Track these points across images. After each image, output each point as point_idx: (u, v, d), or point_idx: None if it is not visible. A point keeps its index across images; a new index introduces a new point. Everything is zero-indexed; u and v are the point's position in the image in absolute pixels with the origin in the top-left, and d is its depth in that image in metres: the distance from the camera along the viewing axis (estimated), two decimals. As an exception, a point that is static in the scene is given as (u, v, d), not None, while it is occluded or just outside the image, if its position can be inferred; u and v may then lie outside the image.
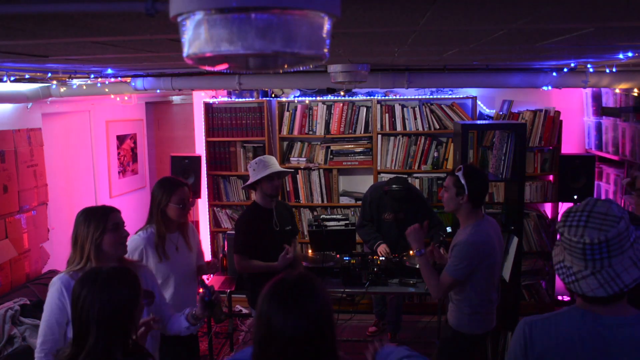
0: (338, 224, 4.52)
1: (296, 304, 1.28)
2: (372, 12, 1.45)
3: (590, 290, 1.46)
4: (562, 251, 1.54)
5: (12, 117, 4.32)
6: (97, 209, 2.28)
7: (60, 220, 4.97)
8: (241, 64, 0.85)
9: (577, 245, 1.45)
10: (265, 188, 3.42)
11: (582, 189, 4.58)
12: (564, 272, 1.52)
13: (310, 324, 1.26)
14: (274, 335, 1.26)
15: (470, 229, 2.76)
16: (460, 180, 2.74)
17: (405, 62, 3.40)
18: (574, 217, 1.49)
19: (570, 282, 1.50)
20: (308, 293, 1.31)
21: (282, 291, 1.31)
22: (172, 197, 2.84)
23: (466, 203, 2.75)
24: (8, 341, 3.55)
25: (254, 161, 3.47)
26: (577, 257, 1.47)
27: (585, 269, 1.46)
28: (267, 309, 1.28)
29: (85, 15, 1.33)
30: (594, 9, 1.44)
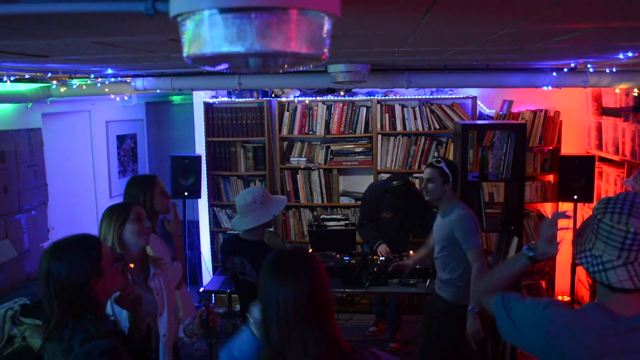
0: (338, 224, 4.52)
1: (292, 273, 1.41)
2: (372, 12, 1.45)
3: (618, 282, 1.42)
4: (591, 239, 1.49)
5: (12, 117, 4.32)
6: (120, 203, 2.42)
7: (60, 220, 4.97)
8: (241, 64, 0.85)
9: (618, 233, 1.41)
10: (273, 221, 3.03)
11: (582, 189, 4.58)
12: (590, 260, 1.48)
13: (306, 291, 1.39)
14: (273, 303, 1.39)
15: (459, 206, 3.22)
16: (445, 170, 3.18)
17: (405, 62, 3.40)
18: (616, 204, 1.45)
19: (596, 271, 1.46)
20: (303, 264, 1.44)
21: (279, 262, 1.45)
22: (155, 189, 2.82)
23: (450, 189, 3.21)
24: (8, 341, 3.55)
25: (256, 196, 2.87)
26: (613, 246, 1.43)
27: (618, 258, 1.42)
28: (267, 279, 1.43)
29: (85, 15, 1.33)
30: (594, 9, 1.44)
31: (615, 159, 4.49)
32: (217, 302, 5.42)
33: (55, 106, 4.85)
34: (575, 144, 5.16)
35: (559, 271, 5.11)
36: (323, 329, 1.39)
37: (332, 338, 1.40)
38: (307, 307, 1.39)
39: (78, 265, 1.65)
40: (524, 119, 4.89)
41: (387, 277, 3.88)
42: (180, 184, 5.12)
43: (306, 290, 1.40)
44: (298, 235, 5.39)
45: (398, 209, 4.33)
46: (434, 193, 3.21)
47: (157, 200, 2.83)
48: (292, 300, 1.38)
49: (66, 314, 1.61)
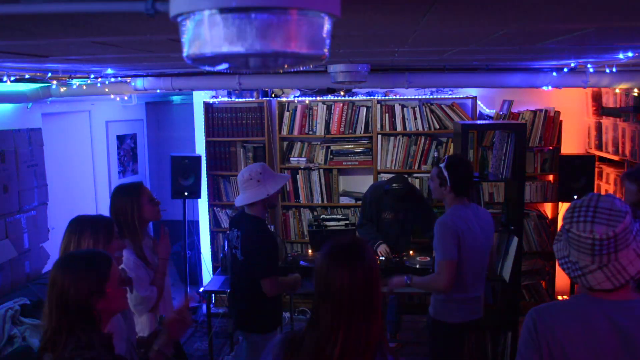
0: (338, 224, 4.52)
1: (350, 262, 1.50)
2: (372, 12, 1.45)
3: (597, 284, 1.49)
4: (566, 246, 1.55)
5: (12, 117, 4.32)
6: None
7: (60, 220, 4.96)
8: (241, 64, 0.85)
9: (586, 241, 1.47)
10: (274, 199, 3.05)
11: (582, 189, 4.58)
12: (570, 266, 1.54)
13: (362, 278, 1.48)
14: (330, 289, 1.48)
15: (448, 211, 2.94)
16: (443, 172, 2.91)
17: (405, 62, 3.40)
18: (580, 212, 1.51)
19: (576, 276, 1.52)
20: (361, 252, 1.53)
21: (338, 251, 1.53)
22: (142, 198, 2.74)
23: (449, 193, 2.92)
24: (8, 341, 3.55)
25: (256, 171, 2.96)
26: (585, 252, 1.48)
27: (592, 263, 1.48)
28: (326, 266, 1.50)
29: (85, 15, 1.33)
30: (594, 9, 1.44)
31: (615, 159, 4.49)
32: (217, 302, 5.42)
33: (55, 106, 4.85)
34: (575, 144, 5.17)
35: (559, 271, 5.11)
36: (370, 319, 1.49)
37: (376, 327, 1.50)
38: (361, 294, 1.48)
39: (83, 282, 1.64)
40: (524, 119, 4.89)
41: (387, 277, 3.87)
42: (180, 184, 5.12)
43: (362, 278, 1.48)
44: (298, 235, 5.39)
45: (399, 210, 4.33)
46: (434, 193, 3.06)
47: (146, 208, 2.75)
48: (348, 287, 1.46)
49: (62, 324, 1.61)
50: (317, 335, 1.48)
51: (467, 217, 2.89)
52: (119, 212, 2.70)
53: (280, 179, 3.07)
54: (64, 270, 1.66)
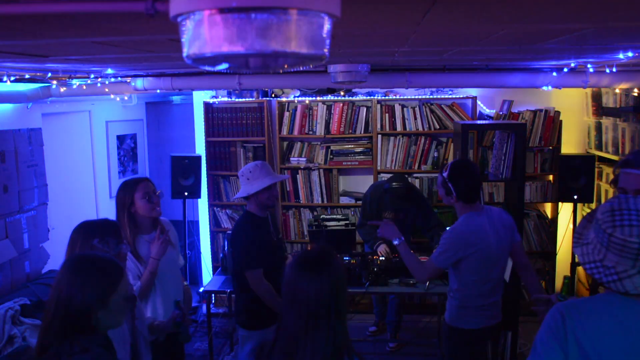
0: (338, 224, 4.52)
1: (318, 272, 1.57)
2: (372, 12, 1.45)
3: (634, 288, 1.45)
4: (600, 251, 1.50)
5: (12, 117, 4.32)
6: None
7: (60, 220, 4.97)
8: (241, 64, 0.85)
9: (631, 246, 1.43)
10: (263, 198, 3.09)
11: (582, 189, 4.58)
12: (603, 271, 1.48)
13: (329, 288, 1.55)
14: (298, 298, 1.55)
15: (460, 220, 2.81)
16: (447, 183, 2.79)
17: (405, 62, 3.40)
18: (623, 216, 1.46)
19: (610, 281, 1.47)
20: (329, 263, 1.60)
21: (307, 261, 1.61)
22: (136, 194, 2.76)
23: (456, 202, 2.81)
24: (8, 341, 3.55)
25: (247, 169, 3.10)
26: (627, 257, 1.44)
27: (633, 268, 1.44)
28: (295, 276, 1.58)
29: (85, 15, 1.33)
30: (594, 9, 1.44)
31: (615, 159, 4.49)
32: (217, 302, 5.42)
33: (55, 106, 4.85)
34: (575, 144, 5.17)
35: (559, 271, 5.11)
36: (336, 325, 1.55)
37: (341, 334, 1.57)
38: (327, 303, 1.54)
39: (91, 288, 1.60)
40: (524, 119, 4.89)
41: (387, 277, 3.88)
42: (180, 184, 5.12)
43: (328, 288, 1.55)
44: (298, 235, 5.39)
45: (399, 210, 4.33)
46: (443, 200, 2.92)
47: (138, 204, 2.76)
48: (314, 297, 1.54)
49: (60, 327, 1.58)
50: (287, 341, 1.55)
51: (480, 226, 2.77)
52: (117, 205, 2.80)
53: (266, 181, 3.05)
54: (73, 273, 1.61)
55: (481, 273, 2.79)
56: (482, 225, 2.78)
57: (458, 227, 2.78)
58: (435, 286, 3.83)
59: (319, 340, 1.53)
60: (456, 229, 2.78)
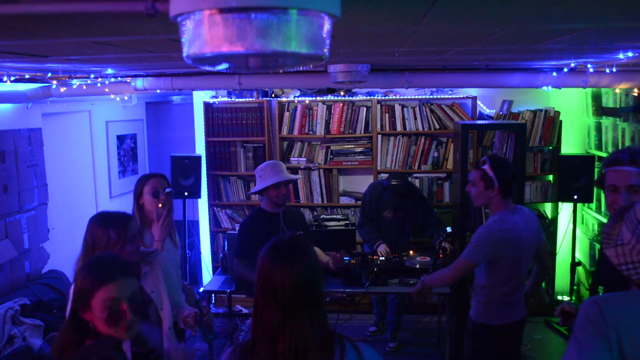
0: (338, 224, 4.53)
1: (292, 258, 1.52)
2: (372, 12, 1.45)
3: None
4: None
5: (12, 117, 4.32)
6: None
7: (60, 220, 4.97)
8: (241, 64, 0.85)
9: None
10: (272, 196, 3.30)
11: (582, 189, 4.58)
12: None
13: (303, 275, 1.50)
14: (273, 286, 1.49)
15: (495, 217, 2.77)
16: (488, 174, 2.71)
17: (405, 62, 3.40)
18: None
19: None
20: (301, 250, 1.55)
21: (280, 248, 1.55)
22: (145, 187, 2.83)
23: (496, 195, 2.74)
24: (8, 341, 3.55)
25: (261, 167, 3.35)
26: None
27: None
28: (268, 263, 1.52)
29: (85, 15, 1.33)
30: (594, 9, 1.44)
31: (615, 159, 4.49)
32: (217, 302, 5.42)
33: (55, 106, 4.85)
34: (575, 144, 5.17)
35: (559, 271, 5.11)
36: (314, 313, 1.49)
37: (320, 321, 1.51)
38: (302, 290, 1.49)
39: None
40: (524, 119, 4.89)
41: (387, 277, 3.88)
42: (180, 184, 5.12)
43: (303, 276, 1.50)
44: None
45: (399, 209, 4.33)
46: (477, 199, 2.82)
47: (145, 198, 2.84)
48: (289, 285, 1.48)
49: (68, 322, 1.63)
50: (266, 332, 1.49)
51: (515, 224, 2.76)
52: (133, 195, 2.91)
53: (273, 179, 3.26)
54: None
55: (510, 271, 2.79)
56: (517, 223, 2.77)
57: (494, 225, 2.75)
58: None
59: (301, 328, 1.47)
60: (492, 227, 2.75)
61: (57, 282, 4.37)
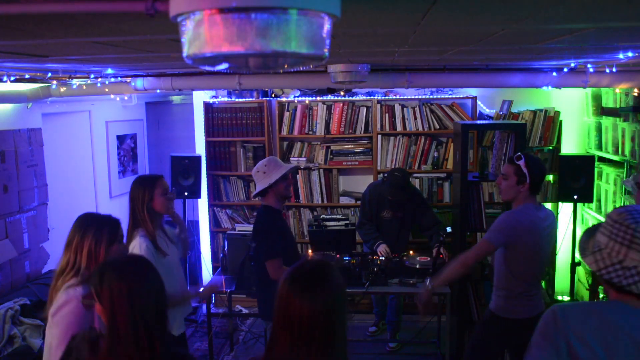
0: (338, 224, 4.52)
1: (313, 289, 1.39)
2: (372, 12, 1.45)
3: None
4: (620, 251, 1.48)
5: (12, 117, 4.32)
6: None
7: (60, 220, 4.97)
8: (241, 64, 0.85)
9: None
10: (281, 188, 3.21)
11: (582, 189, 4.58)
12: (622, 273, 1.46)
13: (324, 309, 1.37)
14: (290, 317, 1.37)
15: (520, 207, 2.88)
16: (522, 169, 2.84)
17: (405, 62, 3.40)
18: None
19: (631, 282, 1.45)
20: (324, 279, 1.42)
21: (301, 276, 1.42)
22: (156, 190, 2.85)
23: (526, 191, 2.86)
24: (8, 341, 3.55)
25: (261, 164, 3.24)
26: None
27: None
28: (287, 291, 1.40)
29: (85, 15, 1.33)
30: (594, 9, 1.44)
31: (615, 159, 4.49)
32: (217, 302, 5.42)
33: (55, 106, 4.85)
34: (575, 144, 5.17)
35: (559, 271, 5.11)
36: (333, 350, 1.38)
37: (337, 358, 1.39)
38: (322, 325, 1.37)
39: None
40: (524, 119, 4.89)
41: (387, 277, 3.88)
42: (180, 184, 5.12)
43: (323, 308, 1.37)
44: (298, 236, 5.39)
45: (398, 209, 4.33)
46: (505, 192, 2.94)
47: (157, 200, 2.85)
48: (307, 317, 1.36)
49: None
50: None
51: (537, 218, 2.87)
52: (133, 200, 2.85)
53: (282, 169, 3.21)
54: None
55: (529, 261, 2.88)
56: (538, 217, 2.88)
57: (517, 212, 2.88)
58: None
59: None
60: (515, 213, 2.88)
61: (57, 282, 4.36)
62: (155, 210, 2.86)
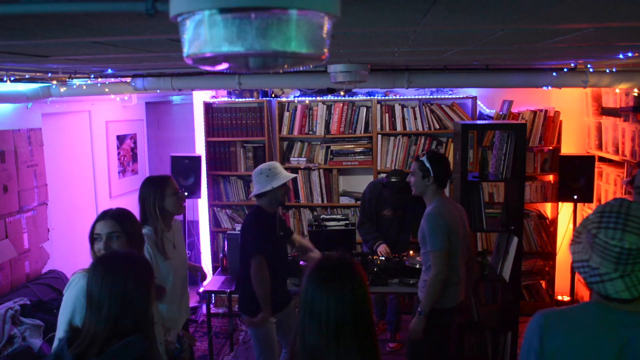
0: (338, 224, 4.52)
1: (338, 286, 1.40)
2: (372, 12, 1.45)
3: (616, 292, 1.44)
4: (587, 251, 1.49)
5: (12, 117, 4.32)
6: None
7: (60, 220, 4.97)
8: (241, 64, 0.85)
9: (613, 249, 1.42)
10: (280, 195, 3.28)
11: (582, 189, 4.58)
12: (588, 272, 1.48)
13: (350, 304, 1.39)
14: (317, 312, 1.39)
15: (434, 204, 3.13)
16: (425, 165, 3.11)
17: (405, 62, 3.40)
18: (610, 218, 1.45)
19: (594, 282, 1.47)
20: (349, 275, 1.43)
21: (325, 272, 1.44)
22: (166, 190, 2.90)
23: (432, 184, 3.11)
24: (8, 341, 3.55)
25: (264, 168, 3.28)
26: (609, 260, 1.43)
27: (615, 271, 1.43)
28: (312, 287, 1.42)
29: (85, 15, 1.33)
30: (594, 9, 1.44)
31: (615, 159, 4.49)
32: (217, 302, 5.42)
33: (55, 106, 4.85)
34: (575, 144, 5.17)
35: (559, 271, 5.11)
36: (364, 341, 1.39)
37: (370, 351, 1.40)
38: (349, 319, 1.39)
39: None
40: (524, 119, 4.89)
41: (387, 277, 3.88)
42: (180, 184, 5.12)
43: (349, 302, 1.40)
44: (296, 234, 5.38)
45: (398, 208, 4.33)
46: (415, 187, 3.21)
47: (169, 200, 2.90)
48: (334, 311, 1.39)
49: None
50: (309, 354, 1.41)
51: (453, 209, 3.18)
52: (143, 200, 2.89)
53: (285, 177, 3.26)
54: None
55: (456, 253, 3.12)
56: (452, 209, 3.19)
57: (438, 209, 3.08)
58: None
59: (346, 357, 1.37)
60: (437, 211, 3.07)
61: (57, 282, 4.37)
62: (166, 209, 2.91)
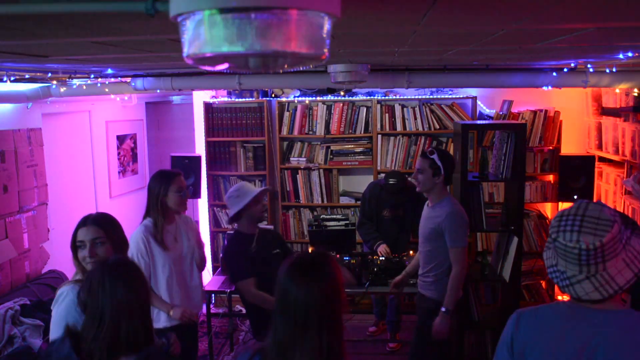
0: (338, 224, 4.52)
1: (308, 277, 1.47)
2: (372, 12, 1.45)
3: (585, 294, 1.46)
4: (554, 255, 1.53)
5: (12, 117, 4.32)
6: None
7: (60, 220, 4.97)
8: (241, 64, 0.85)
9: (572, 251, 1.44)
10: (254, 211, 3.19)
11: (582, 189, 4.57)
12: (558, 276, 1.51)
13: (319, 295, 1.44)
14: (288, 304, 1.46)
15: (449, 201, 3.19)
16: (437, 162, 3.13)
17: (405, 62, 3.40)
18: (567, 221, 1.48)
19: (564, 285, 1.50)
20: (320, 268, 1.50)
21: (299, 265, 1.51)
22: (171, 187, 2.92)
23: (441, 182, 3.17)
24: (8, 341, 3.55)
25: (232, 191, 3.21)
26: (572, 262, 1.46)
27: (580, 273, 1.45)
28: (285, 280, 1.49)
29: (85, 15, 1.33)
30: (594, 9, 1.44)
31: (615, 159, 4.49)
32: (217, 302, 5.42)
33: (55, 106, 4.85)
34: (575, 144, 5.16)
35: (559, 271, 5.10)
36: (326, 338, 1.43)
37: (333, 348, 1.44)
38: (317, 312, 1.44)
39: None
40: (524, 119, 4.89)
41: (387, 277, 3.88)
42: (180, 184, 5.12)
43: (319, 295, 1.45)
44: (298, 235, 5.39)
45: (397, 208, 4.33)
46: (424, 184, 3.19)
47: (171, 196, 2.92)
48: (303, 303, 1.44)
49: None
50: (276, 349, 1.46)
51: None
52: (150, 192, 2.95)
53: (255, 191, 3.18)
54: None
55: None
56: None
57: (458, 207, 3.21)
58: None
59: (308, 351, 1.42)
60: (458, 209, 3.19)
61: (57, 282, 4.37)
62: (168, 206, 2.93)
